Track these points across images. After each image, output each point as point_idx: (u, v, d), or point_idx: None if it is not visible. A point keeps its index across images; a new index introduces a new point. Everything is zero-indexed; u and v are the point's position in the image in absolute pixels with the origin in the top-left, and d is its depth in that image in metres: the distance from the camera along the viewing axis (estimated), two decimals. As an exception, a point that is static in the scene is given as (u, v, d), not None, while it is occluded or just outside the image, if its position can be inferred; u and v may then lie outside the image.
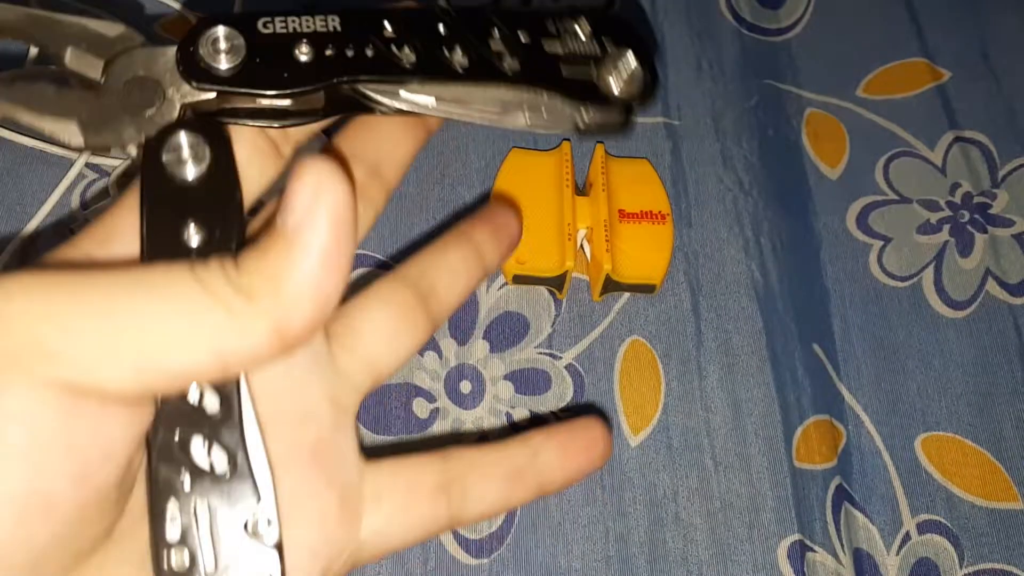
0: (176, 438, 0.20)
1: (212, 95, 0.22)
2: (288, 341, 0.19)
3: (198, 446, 0.20)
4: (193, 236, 0.20)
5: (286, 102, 0.22)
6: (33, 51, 0.39)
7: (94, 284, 0.18)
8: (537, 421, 0.42)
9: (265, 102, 0.22)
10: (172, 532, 0.19)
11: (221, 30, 0.21)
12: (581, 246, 0.45)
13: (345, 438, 0.24)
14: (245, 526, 0.20)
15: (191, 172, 0.21)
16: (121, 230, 0.21)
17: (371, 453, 0.26)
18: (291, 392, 0.23)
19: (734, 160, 0.49)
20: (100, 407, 0.18)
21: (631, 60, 0.23)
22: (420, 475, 0.25)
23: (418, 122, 0.26)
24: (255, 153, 0.23)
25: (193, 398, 0.20)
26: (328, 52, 0.22)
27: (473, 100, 0.24)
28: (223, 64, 0.21)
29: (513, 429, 0.42)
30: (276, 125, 0.23)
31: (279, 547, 0.20)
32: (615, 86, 0.24)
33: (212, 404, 0.20)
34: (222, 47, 0.22)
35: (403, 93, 0.23)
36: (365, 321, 0.25)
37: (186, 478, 0.20)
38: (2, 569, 0.18)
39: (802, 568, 0.40)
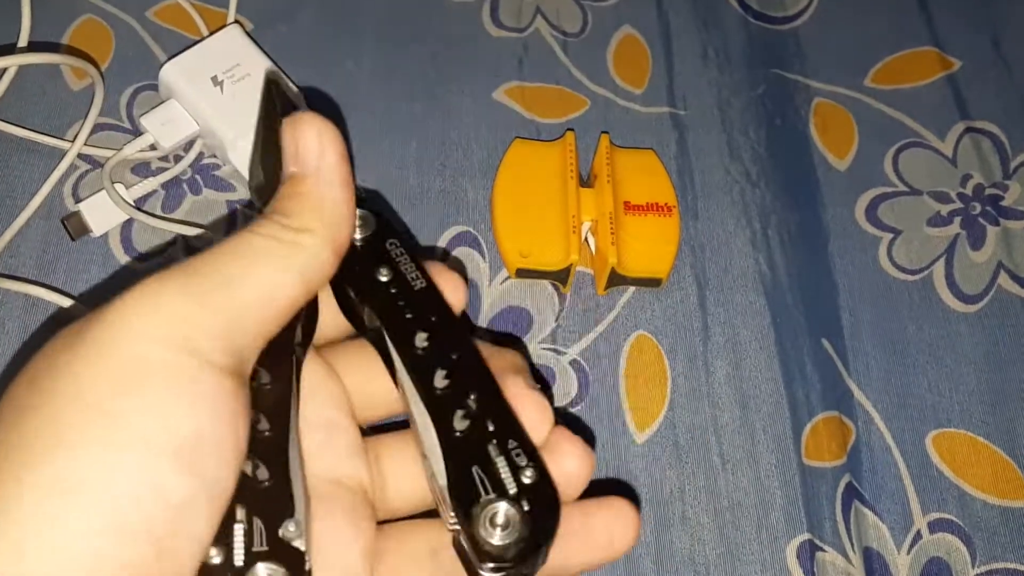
0: None
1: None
2: (340, 251, 0.24)
3: (248, 458, 0.22)
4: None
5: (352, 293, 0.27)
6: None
7: (195, 272, 0.22)
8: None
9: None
10: None
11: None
12: (586, 239, 0.44)
13: (367, 502, 0.26)
14: (276, 530, 0.22)
15: None
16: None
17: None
18: (333, 460, 0.26)
19: (741, 151, 0.48)
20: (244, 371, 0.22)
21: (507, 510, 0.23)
22: (415, 541, 0.26)
23: None
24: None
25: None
26: (392, 290, 0.26)
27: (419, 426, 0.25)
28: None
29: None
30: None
31: (304, 551, 0.22)
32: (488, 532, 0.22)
33: (264, 425, 0.23)
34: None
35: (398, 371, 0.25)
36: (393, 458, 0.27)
37: None
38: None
39: (812, 568, 0.39)
